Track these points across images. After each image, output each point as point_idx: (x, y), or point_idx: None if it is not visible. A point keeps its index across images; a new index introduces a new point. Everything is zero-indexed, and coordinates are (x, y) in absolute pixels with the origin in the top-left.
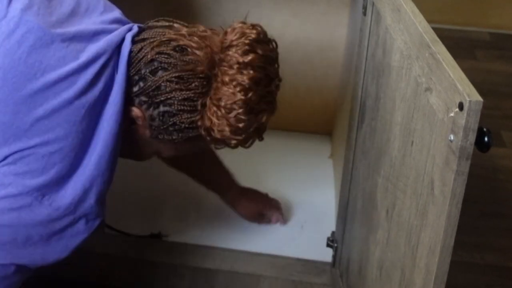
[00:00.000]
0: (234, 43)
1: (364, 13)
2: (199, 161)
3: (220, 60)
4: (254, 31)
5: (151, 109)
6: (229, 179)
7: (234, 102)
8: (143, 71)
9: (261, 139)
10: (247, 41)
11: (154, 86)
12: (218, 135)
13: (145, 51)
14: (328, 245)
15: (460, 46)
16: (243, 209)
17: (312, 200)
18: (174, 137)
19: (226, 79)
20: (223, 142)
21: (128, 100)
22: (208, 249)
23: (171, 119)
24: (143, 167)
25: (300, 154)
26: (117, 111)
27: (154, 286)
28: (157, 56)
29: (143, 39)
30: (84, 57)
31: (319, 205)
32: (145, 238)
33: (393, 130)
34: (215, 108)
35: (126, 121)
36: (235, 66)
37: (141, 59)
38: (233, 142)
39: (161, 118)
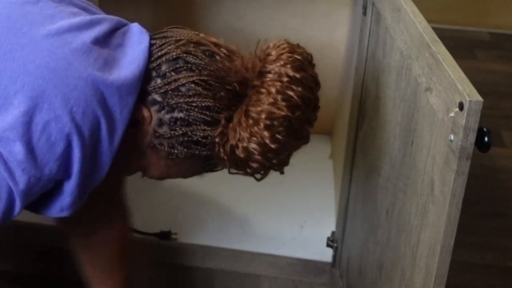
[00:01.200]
0: (284, 56)
1: (364, 13)
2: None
3: (264, 71)
4: (304, 51)
5: (163, 112)
6: None
7: (277, 118)
8: (163, 68)
9: (282, 172)
10: (299, 57)
11: (174, 86)
12: (242, 154)
13: (169, 48)
14: (328, 245)
15: (460, 46)
16: None
17: (312, 200)
18: (175, 151)
19: (273, 90)
20: (242, 165)
21: (138, 96)
22: (208, 249)
23: (183, 129)
24: None
25: (300, 154)
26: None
27: (154, 286)
28: (184, 55)
29: (165, 37)
30: (78, 19)
31: (319, 205)
32: (152, 236)
33: (393, 130)
34: (250, 121)
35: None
36: (285, 79)
37: (163, 55)
38: (255, 165)
39: (171, 124)
